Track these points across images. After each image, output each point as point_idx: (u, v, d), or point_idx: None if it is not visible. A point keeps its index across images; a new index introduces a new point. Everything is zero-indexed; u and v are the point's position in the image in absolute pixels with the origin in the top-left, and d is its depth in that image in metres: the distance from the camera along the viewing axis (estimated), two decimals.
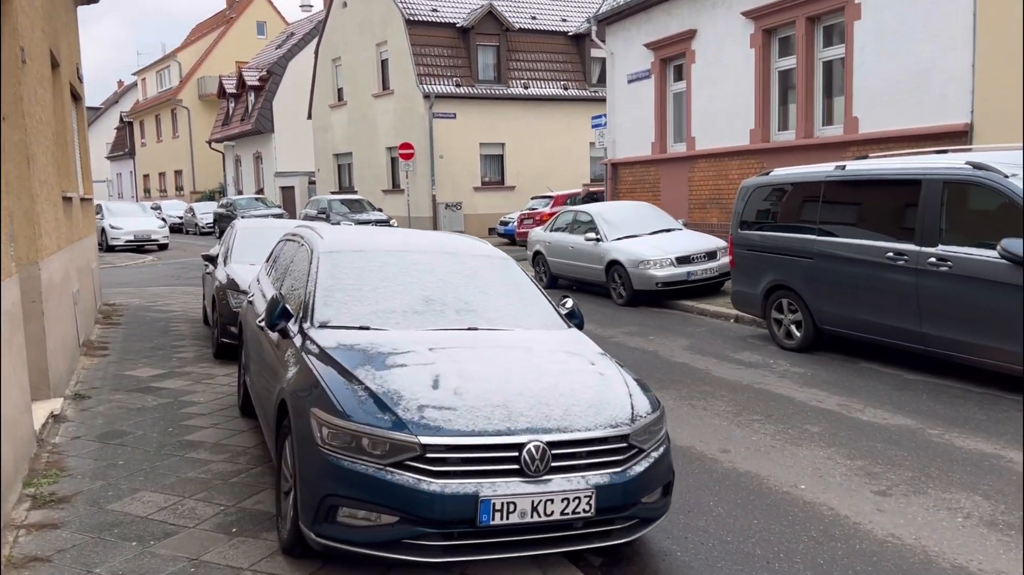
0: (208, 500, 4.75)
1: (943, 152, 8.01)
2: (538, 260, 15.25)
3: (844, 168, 8.45)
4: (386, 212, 25.76)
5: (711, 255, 12.61)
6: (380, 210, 25.58)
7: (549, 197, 22.38)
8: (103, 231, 25.76)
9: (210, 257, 10.32)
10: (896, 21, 11.62)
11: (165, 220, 30.93)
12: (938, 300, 7.21)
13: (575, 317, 5.18)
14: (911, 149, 8.94)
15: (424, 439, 3.50)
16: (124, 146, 59.88)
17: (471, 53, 27.27)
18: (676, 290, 12.37)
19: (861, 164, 8.44)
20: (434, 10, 27.48)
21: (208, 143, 45.42)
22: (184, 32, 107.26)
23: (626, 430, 3.79)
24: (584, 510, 3.59)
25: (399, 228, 14.61)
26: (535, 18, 29.25)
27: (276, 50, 41.62)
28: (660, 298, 12.55)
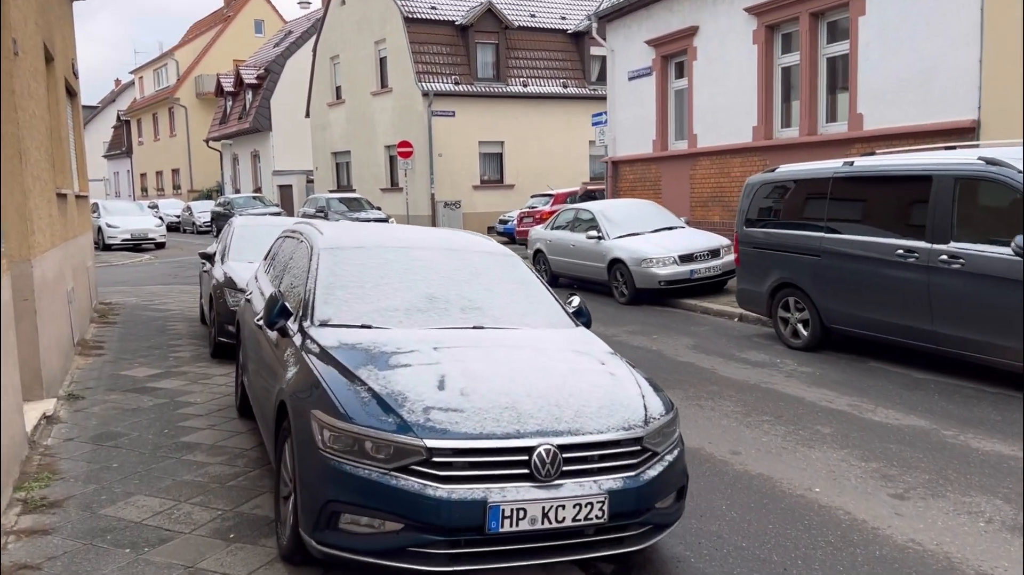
0: (205, 504, 4.60)
1: (952, 148, 7.89)
2: (539, 258, 15.13)
3: (852, 164, 8.32)
4: (385, 211, 25.65)
5: (714, 253, 12.48)
6: (379, 209, 25.48)
7: (549, 195, 22.26)
8: (100, 230, 25.63)
9: (207, 255, 10.17)
10: (901, 17, 11.49)
11: (163, 219, 30.80)
12: (950, 298, 7.08)
13: (582, 315, 5.05)
14: (918, 145, 8.81)
15: (430, 442, 3.36)
16: (121, 145, 59.71)
17: (470, 51, 27.12)
18: (679, 289, 12.25)
19: (869, 160, 8.30)
20: (433, 8, 27.32)
21: (205, 142, 45.31)
22: (182, 30, 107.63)
23: (639, 432, 3.65)
24: (597, 516, 3.44)
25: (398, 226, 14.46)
26: (534, 16, 29.11)
27: (274, 48, 41.49)
28: (663, 297, 12.42)
